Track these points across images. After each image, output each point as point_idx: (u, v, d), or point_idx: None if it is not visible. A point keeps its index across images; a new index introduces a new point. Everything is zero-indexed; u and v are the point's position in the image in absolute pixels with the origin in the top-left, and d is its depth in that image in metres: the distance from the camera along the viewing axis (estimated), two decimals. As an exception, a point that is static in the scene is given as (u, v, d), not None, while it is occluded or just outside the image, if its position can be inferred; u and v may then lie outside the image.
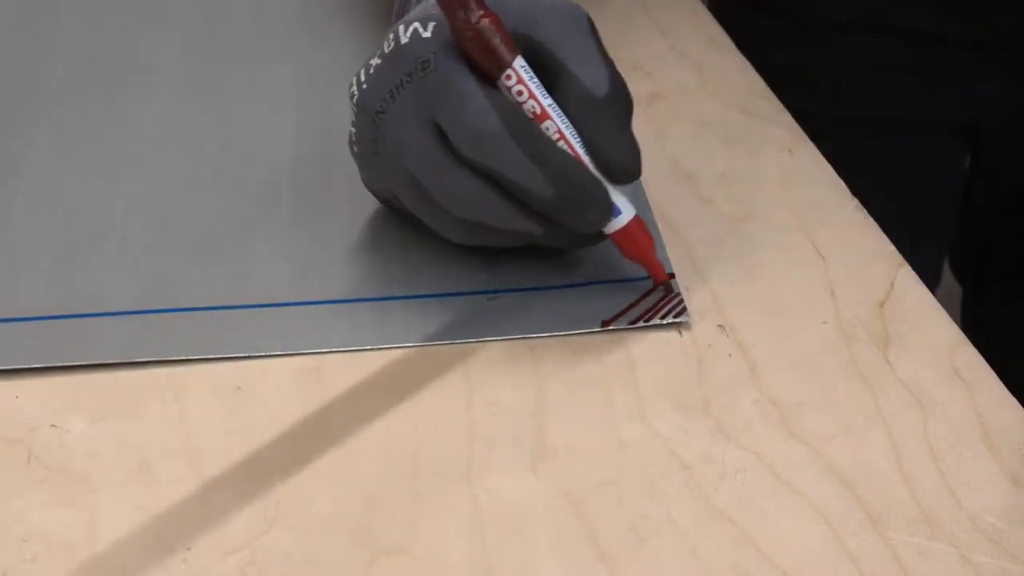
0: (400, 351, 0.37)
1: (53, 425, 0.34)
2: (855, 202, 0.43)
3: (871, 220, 0.42)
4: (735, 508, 0.32)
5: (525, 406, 0.35)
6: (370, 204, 0.41)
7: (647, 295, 0.38)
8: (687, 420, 0.35)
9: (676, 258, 0.40)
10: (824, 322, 0.38)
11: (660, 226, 0.41)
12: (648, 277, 0.38)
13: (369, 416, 0.35)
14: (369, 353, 0.37)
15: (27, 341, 0.36)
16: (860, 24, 0.61)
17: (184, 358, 0.36)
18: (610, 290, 0.38)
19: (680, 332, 0.37)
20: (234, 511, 0.32)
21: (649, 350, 0.37)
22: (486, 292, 0.38)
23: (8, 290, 0.38)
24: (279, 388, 0.36)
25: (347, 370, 0.36)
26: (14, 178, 0.43)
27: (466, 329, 0.37)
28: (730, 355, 0.37)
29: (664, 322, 0.37)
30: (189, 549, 0.31)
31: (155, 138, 0.45)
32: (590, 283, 0.38)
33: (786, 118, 0.48)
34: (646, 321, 0.37)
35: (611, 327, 0.37)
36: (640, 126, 0.46)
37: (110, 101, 0.47)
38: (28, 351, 0.36)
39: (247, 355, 0.36)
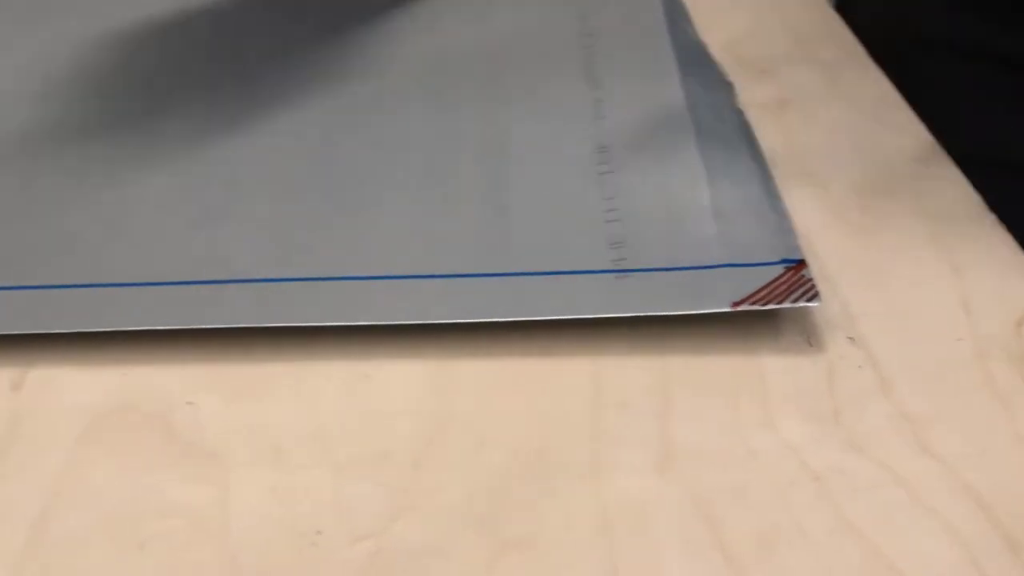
0: (528, 345, 0.37)
1: (189, 402, 0.35)
2: (992, 216, 0.42)
3: (1009, 236, 0.41)
4: (866, 522, 0.31)
5: (651, 407, 0.35)
6: (498, 177, 0.42)
7: (778, 279, 0.37)
8: (817, 430, 0.34)
9: (807, 267, 0.39)
10: (959, 339, 0.37)
11: (791, 234, 0.41)
12: (780, 262, 0.38)
13: (496, 410, 0.35)
14: (497, 347, 0.37)
15: (163, 305, 0.37)
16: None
17: (313, 324, 0.36)
18: (740, 273, 0.38)
19: (809, 342, 0.37)
20: (363, 498, 0.32)
21: (778, 359, 0.36)
22: (614, 271, 0.38)
23: (146, 254, 0.39)
24: (407, 377, 0.36)
25: (474, 363, 0.36)
26: (159, 144, 0.44)
27: (593, 305, 0.37)
28: (860, 367, 0.36)
29: (796, 305, 0.37)
30: (319, 533, 0.32)
31: (279, 110, 0.46)
32: (720, 265, 0.38)
33: (919, 129, 0.47)
34: (778, 303, 0.37)
35: (741, 307, 0.37)
36: (769, 132, 0.46)
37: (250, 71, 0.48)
38: (162, 314, 0.37)
39: (376, 322, 0.36)
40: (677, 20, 0.52)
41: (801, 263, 0.38)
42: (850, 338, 0.37)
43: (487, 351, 0.37)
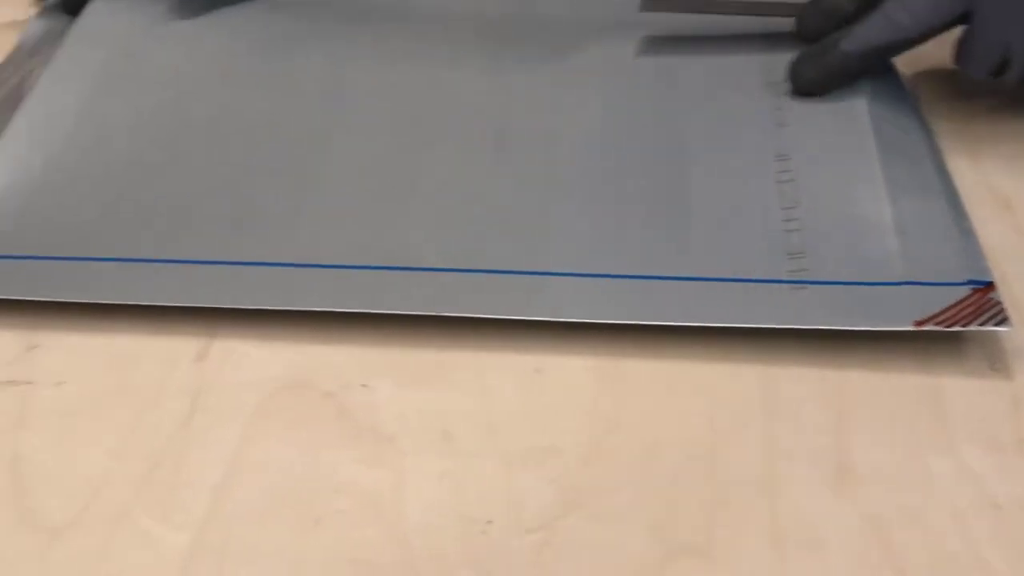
0: (700, 349, 0.36)
1: (363, 385, 0.36)
2: None
3: None
4: (1051, 558, 0.31)
5: (827, 423, 0.34)
6: (675, 179, 0.41)
7: (964, 300, 0.36)
8: (1001, 459, 0.33)
9: (991, 289, 0.38)
10: None
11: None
12: (966, 283, 0.37)
13: (667, 413, 0.35)
14: (668, 349, 0.36)
15: (347, 288, 0.38)
16: None
17: (491, 316, 0.37)
18: (923, 291, 0.37)
19: (994, 367, 0.36)
20: (535, 491, 0.33)
21: (960, 382, 0.35)
22: (791, 282, 0.38)
23: (332, 238, 0.40)
24: (578, 374, 0.36)
25: (644, 364, 0.36)
26: (335, 134, 0.45)
27: (770, 315, 0.36)
28: (1046, 397, 0.35)
29: (982, 328, 0.35)
30: (489, 522, 0.32)
31: (462, 105, 0.46)
32: (902, 283, 0.37)
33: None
34: (963, 326, 0.36)
35: (925, 327, 0.36)
36: (953, 148, 0.45)
37: (417, 68, 0.48)
38: (346, 297, 0.37)
39: (554, 319, 0.37)
40: None
41: (990, 285, 0.37)
42: (1036, 366, 0.36)
43: (656, 352, 0.36)
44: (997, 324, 0.35)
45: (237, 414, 0.35)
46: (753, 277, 0.38)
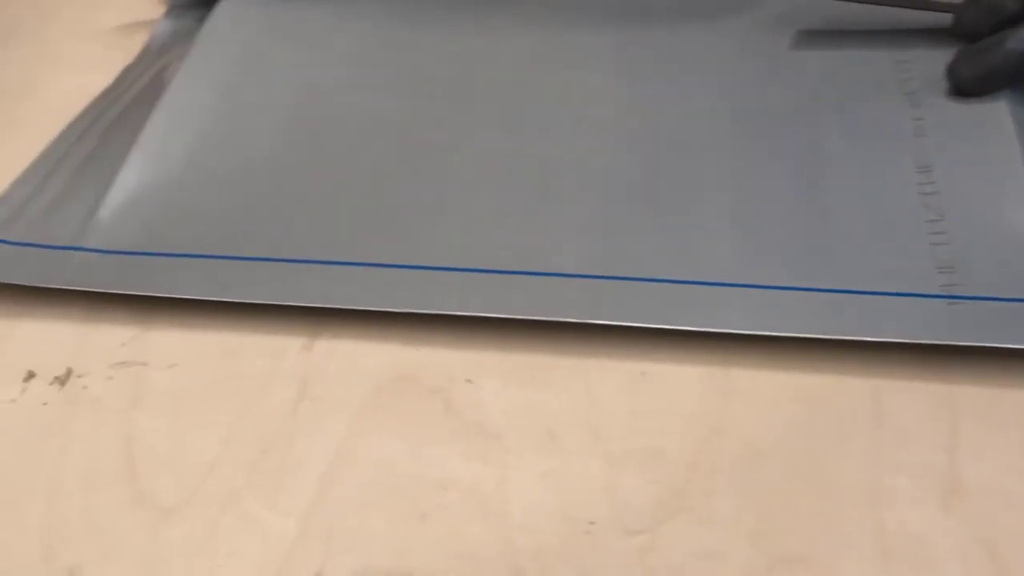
0: (807, 360, 0.36)
1: (469, 381, 0.36)
2: None
3: None
4: None
5: (936, 438, 0.34)
6: (813, 190, 0.41)
7: None
8: (1119, 483, 0.32)
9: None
10: None
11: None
12: None
13: (773, 421, 0.34)
14: (775, 358, 0.36)
15: (482, 293, 0.38)
16: None
17: (641, 325, 0.36)
18: None
19: (1112, 388, 0.35)
20: (638, 493, 0.32)
21: (1076, 401, 0.35)
22: (946, 297, 0.37)
23: (461, 241, 0.40)
24: (683, 379, 0.36)
25: (752, 373, 0.36)
26: (468, 132, 0.44)
27: (927, 331, 0.36)
28: None
29: None
30: (592, 523, 0.32)
31: (594, 103, 0.46)
32: None
33: None
34: None
35: None
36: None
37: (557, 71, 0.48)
38: (471, 299, 0.37)
39: (701, 329, 0.36)
40: None
41: None
42: None
43: (765, 362, 0.36)
44: None
45: (344, 405, 0.35)
46: (904, 291, 0.37)
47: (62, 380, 0.37)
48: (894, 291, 0.37)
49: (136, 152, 0.43)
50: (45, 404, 0.36)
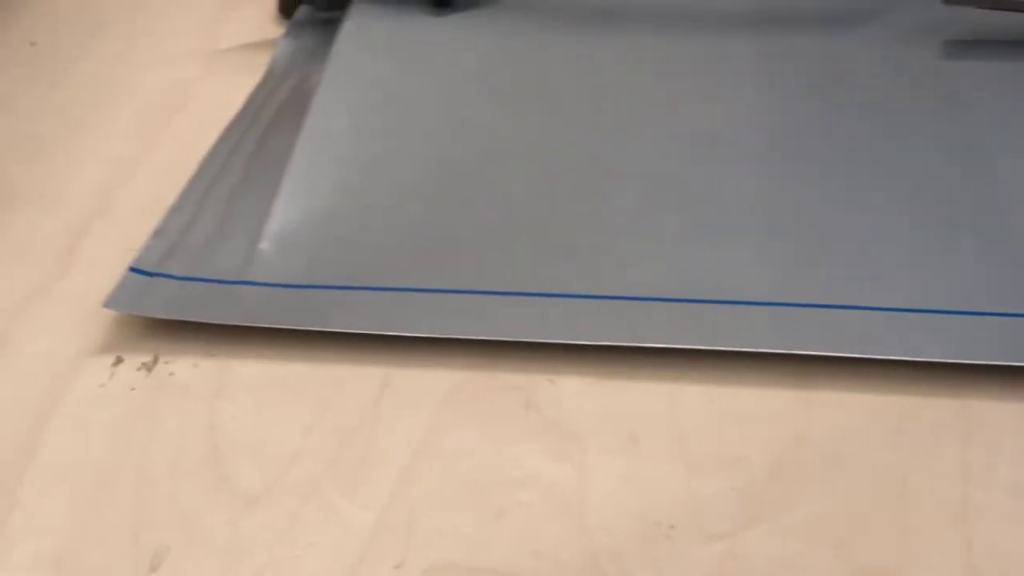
0: (894, 377, 0.35)
1: (550, 380, 0.36)
2: None
3: None
4: None
5: (1027, 455, 0.33)
6: (985, 208, 0.39)
7: None
8: None
9: None
10: None
11: None
12: None
13: (858, 433, 0.34)
14: (862, 375, 0.36)
15: (639, 320, 0.37)
16: None
17: (798, 352, 0.36)
18: None
19: None
20: (718, 500, 0.32)
21: None
22: None
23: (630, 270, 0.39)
24: (768, 385, 0.35)
25: (836, 387, 0.35)
26: (614, 153, 0.43)
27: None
28: None
29: None
30: (672, 527, 0.32)
31: (738, 119, 0.45)
32: None
33: None
34: None
35: None
36: None
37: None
38: (638, 330, 0.37)
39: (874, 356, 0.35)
40: None
41: None
42: None
43: (850, 374, 0.35)
44: None
45: (425, 400, 0.36)
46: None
47: (149, 367, 0.37)
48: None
49: (287, 183, 0.42)
50: (133, 390, 0.36)
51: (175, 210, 0.42)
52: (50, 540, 0.32)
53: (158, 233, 0.41)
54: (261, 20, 0.54)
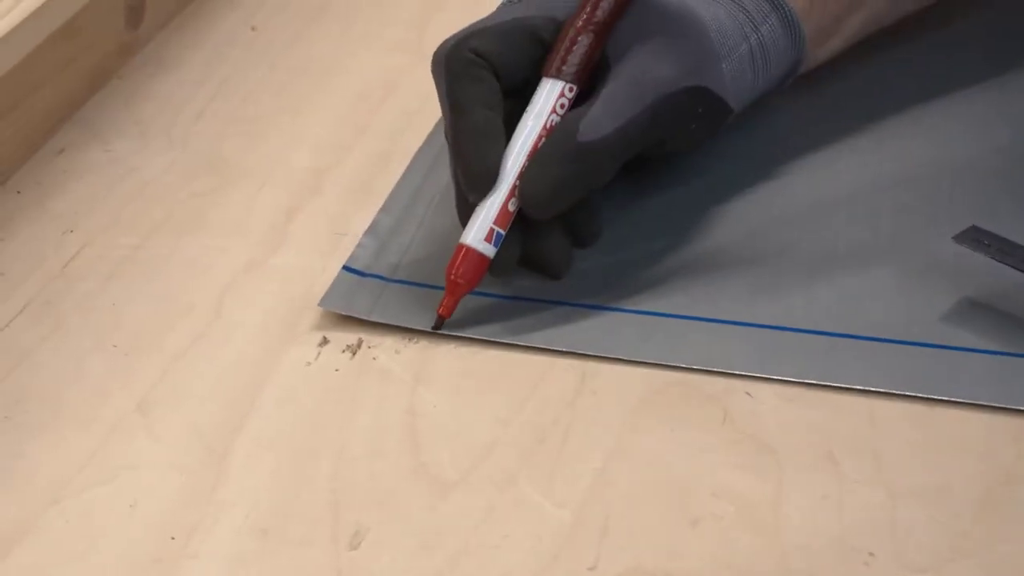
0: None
1: (747, 393, 0.36)
2: None
3: None
4: None
5: None
6: None
7: None
8: None
9: None
10: None
11: None
12: None
13: None
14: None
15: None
16: None
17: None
18: None
19: None
20: (921, 530, 0.31)
21: None
22: None
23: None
24: (972, 418, 0.34)
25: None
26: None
27: None
28: None
29: None
30: (872, 554, 0.31)
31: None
32: None
33: None
34: None
35: None
36: None
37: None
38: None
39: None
40: None
41: None
42: None
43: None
44: None
45: (622, 402, 0.36)
46: None
47: (353, 349, 0.38)
48: None
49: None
50: (337, 370, 0.37)
51: (386, 209, 0.43)
52: (255, 510, 0.33)
53: (370, 231, 0.42)
54: (467, 15, 0.55)
